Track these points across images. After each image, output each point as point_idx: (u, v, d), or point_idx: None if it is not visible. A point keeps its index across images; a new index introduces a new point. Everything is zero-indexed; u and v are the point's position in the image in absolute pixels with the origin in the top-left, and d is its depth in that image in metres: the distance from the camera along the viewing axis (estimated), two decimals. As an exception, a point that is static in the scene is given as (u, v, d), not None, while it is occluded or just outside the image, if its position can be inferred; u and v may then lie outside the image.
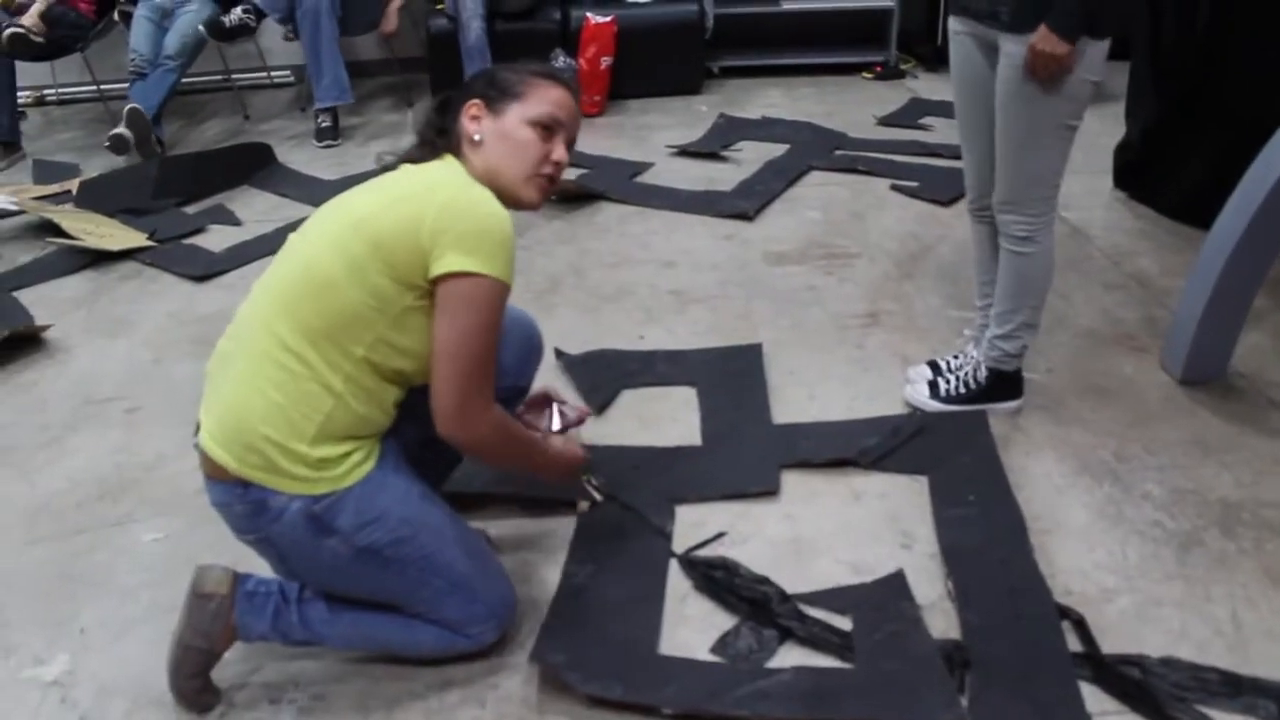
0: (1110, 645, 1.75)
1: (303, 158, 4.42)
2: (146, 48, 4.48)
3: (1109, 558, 1.97)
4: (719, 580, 1.92)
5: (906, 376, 2.53)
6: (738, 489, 2.19)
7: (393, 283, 1.53)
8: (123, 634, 1.88)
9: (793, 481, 2.22)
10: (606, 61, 4.79)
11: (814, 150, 4.17)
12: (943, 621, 1.82)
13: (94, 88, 5.12)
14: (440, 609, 1.67)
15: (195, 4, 4.58)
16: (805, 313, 2.94)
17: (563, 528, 2.09)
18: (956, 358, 2.50)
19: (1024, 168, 2.15)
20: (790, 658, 1.76)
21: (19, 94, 4.68)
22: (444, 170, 1.64)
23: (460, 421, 1.56)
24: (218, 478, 1.57)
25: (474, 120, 1.67)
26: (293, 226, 3.53)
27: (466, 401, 1.55)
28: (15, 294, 3.24)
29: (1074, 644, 1.76)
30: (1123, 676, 1.67)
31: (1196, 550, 1.98)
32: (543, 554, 2.02)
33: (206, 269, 3.35)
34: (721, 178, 3.94)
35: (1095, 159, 3.84)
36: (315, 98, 4.61)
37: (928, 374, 2.49)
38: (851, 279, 3.13)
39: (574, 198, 3.75)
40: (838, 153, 4.15)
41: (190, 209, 3.89)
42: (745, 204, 3.65)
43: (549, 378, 2.57)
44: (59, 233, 3.51)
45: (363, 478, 1.58)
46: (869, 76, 5.28)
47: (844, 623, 1.82)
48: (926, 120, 4.52)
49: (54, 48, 4.53)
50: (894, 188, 3.79)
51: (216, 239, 3.62)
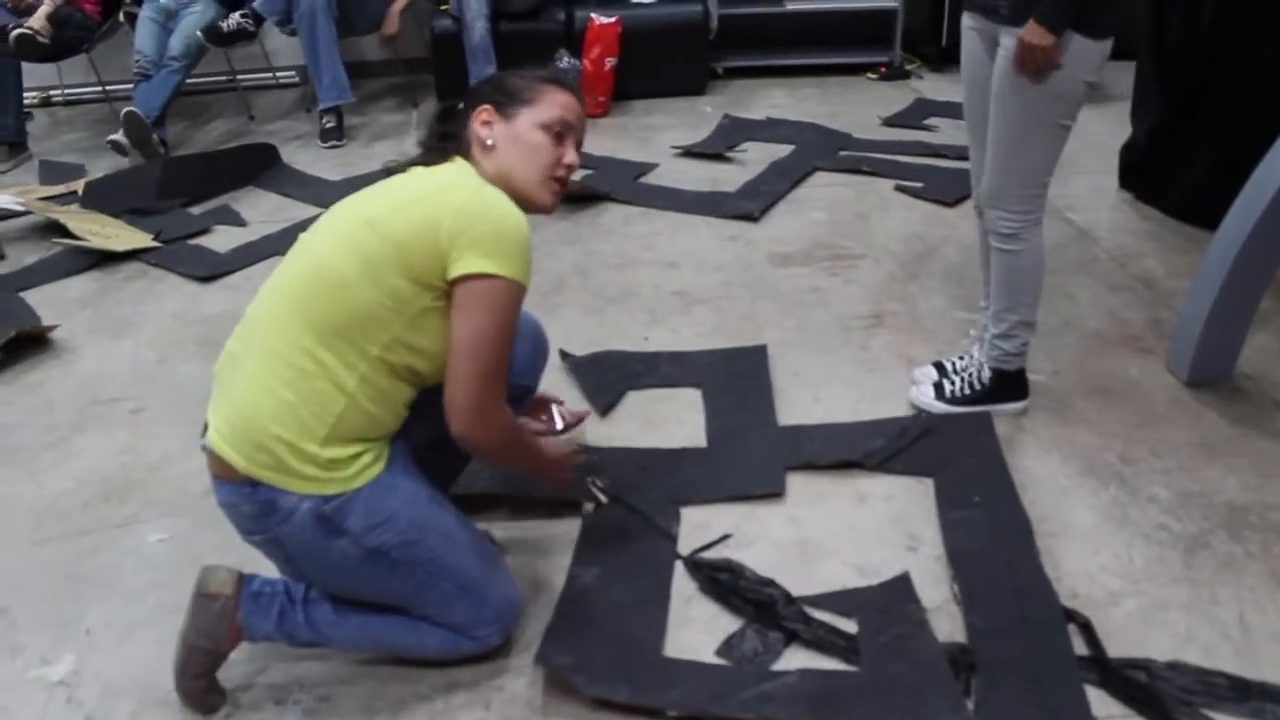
0: (1116, 649, 1.75)
1: (308, 158, 4.43)
2: (151, 49, 4.50)
3: (1115, 560, 1.97)
4: (724, 582, 1.92)
5: (911, 378, 2.53)
6: (743, 491, 2.18)
7: (410, 283, 1.53)
8: (128, 634, 1.88)
9: (798, 483, 2.21)
10: (611, 62, 4.79)
11: (818, 151, 4.17)
12: (948, 624, 1.82)
13: (99, 89, 5.14)
14: (447, 612, 1.68)
15: (200, 6, 4.59)
16: (810, 314, 2.94)
17: (568, 529, 2.09)
18: (962, 359, 2.49)
19: (1012, 163, 2.15)
20: (795, 660, 1.76)
21: (25, 95, 4.70)
22: (457, 173, 1.65)
23: (474, 421, 1.56)
24: (226, 478, 1.57)
25: (485, 125, 1.69)
26: (298, 227, 3.58)
27: (482, 401, 1.56)
28: (22, 294, 3.25)
29: (1080, 647, 1.75)
30: (1129, 680, 1.67)
31: (1203, 553, 1.98)
32: (548, 556, 2.02)
33: (211, 270, 3.36)
34: (726, 179, 3.94)
35: (1101, 160, 3.84)
36: (318, 99, 4.62)
37: (933, 375, 2.49)
38: (856, 280, 3.12)
39: (579, 199, 3.74)
40: (842, 153, 4.15)
41: (195, 209, 3.90)
42: (750, 205, 3.65)
43: (554, 379, 2.57)
44: (65, 233, 3.51)
45: (372, 479, 1.58)
46: (874, 77, 5.27)
47: (849, 625, 1.82)
48: (931, 121, 4.51)
49: (60, 49, 4.54)
50: (899, 188, 3.78)
51: (222, 239, 3.62)
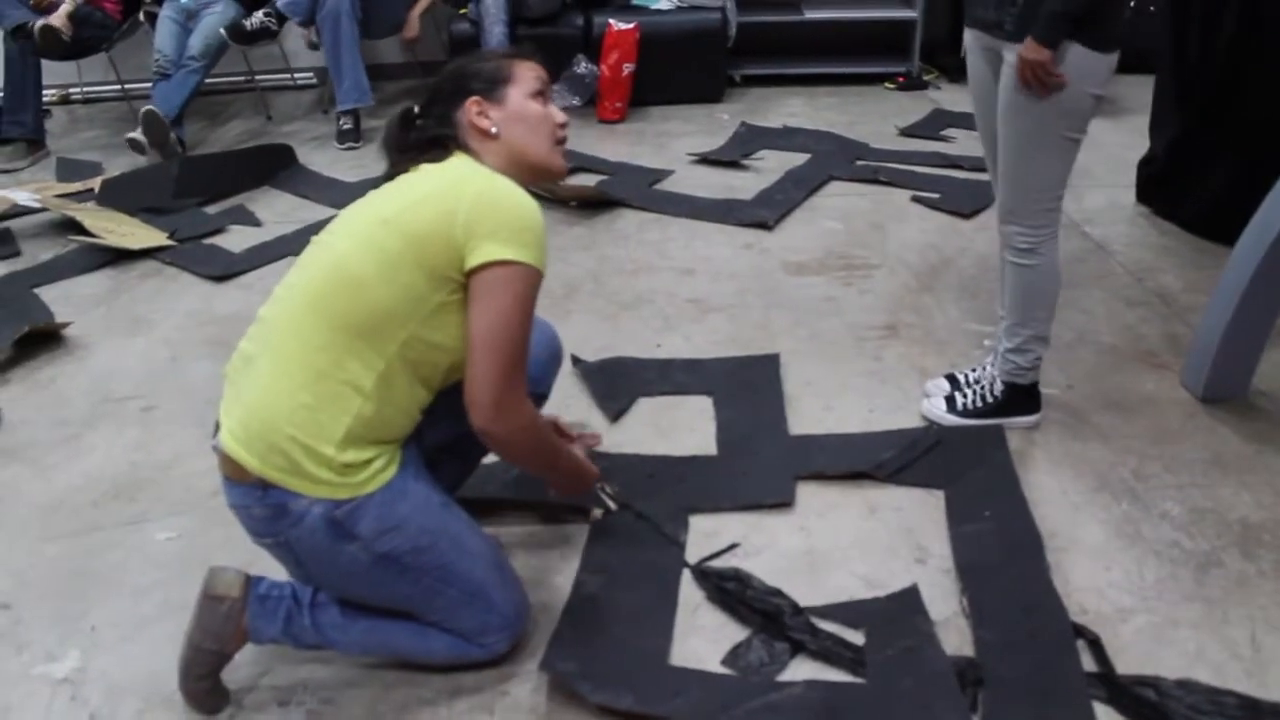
0: (1125, 666, 1.73)
1: (324, 159, 4.44)
2: (171, 48, 4.52)
3: (1125, 577, 1.95)
4: (731, 591, 1.91)
5: (924, 390, 2.51)
6: (753, 500, 2.18)
7: (426, 278, 1.53)
8: (134, 633, 1.88)
9: (808, 493, 2.20)
10: (628, 68, 4.79)
11: (835, 160, 4.16)
12: (957, 638, 1.81)
13: (118, 87, 5.16)
14: (455, 618, 1.67)
15: (220, 6, 4.62)
16: (823, 323, 2.93)
17: (575, 535, 2.09)
18: (974, 371, 2.48)
19: (1024, 178, 2.14)
20: (802, 671, 1.75)
21: (44, 92, 4.73)
22: (466, 165, 1.65)
23: (497, 414, 1.55)
24: (237, 479, 1.56)
25: (482, 115, 1.69)
26: (313, 228, 3.59)
27: (504, 393, 1.55)
28: (36, 291, 3.27)
29: (1089, 664, 1.74)
30: (1138, 698, 1.65)
31: (1215, 571, 1.96)
32: (555, 562, 2.02)
33: (226, 269, 3.37)
34: (741, 186, 3.93)
35: (1118, 174, 3.83)
36: (337, 100, 4.64)
37: (945, 388, 2.48)
38: (871, 290, 3.11)
39: (594, 204, 3.74)
40: (859, 163, 4.14)
41: (211, 209, 3.91)
42: (765, 213, 3.64)
43: (566, 385, 2.56)
44: (81, 230, 3.53)
45: (384, 484, 1.57)
46: (891, 87, 5.26)
47: (857, 637, 1.81)
48: (949, 132, 4.50)
49: (80, 47, 4.56)
50: (915, 199, 3.77)
51: (236, 239, 3.64)
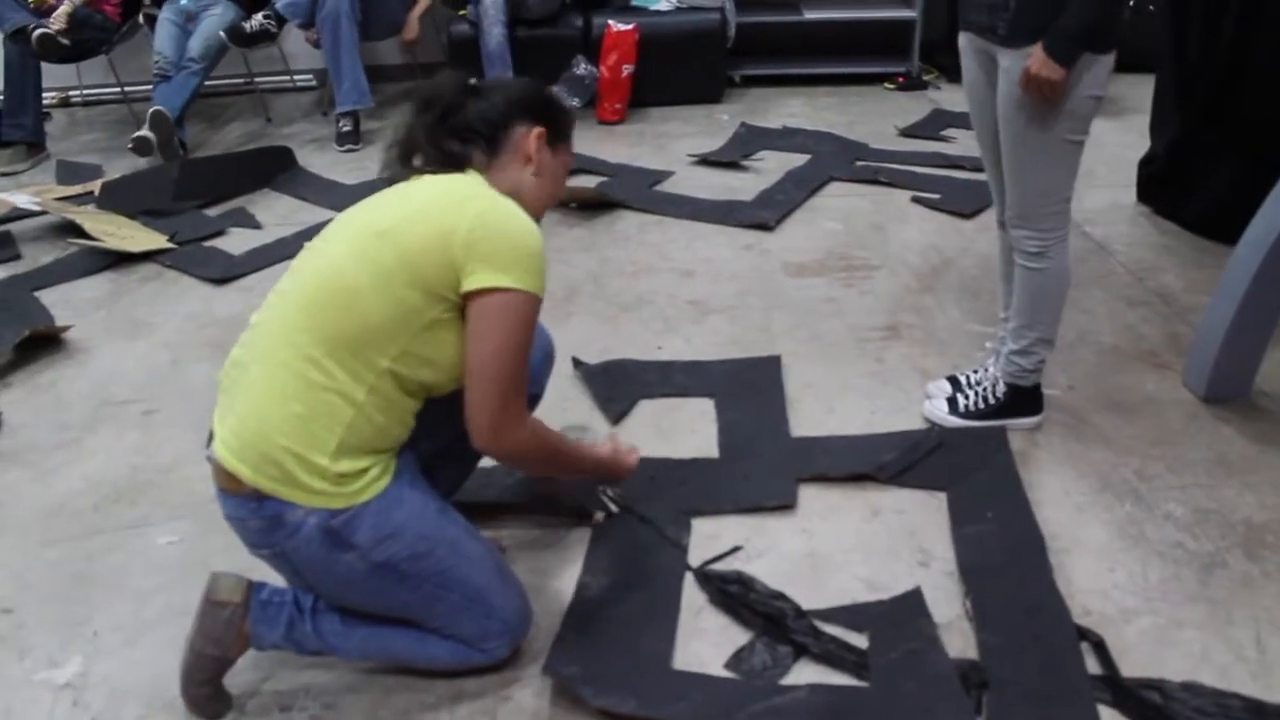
0: (1130, 668, 1.73)
1: (324, 162, 4.44)
2: (170, 50, 4.52)
3: (1129, 578, 1.95)
4: (734, 595, 1.91)
5: (926, 391, 2.51)
6: (755, 502, 2.17)
7: (421, 294, 1.52)
8: (136, 637, 1.88)
9: (810, 495, 2.20)
10: (628, 69, 4.79)
11: (835, 161, 4.16)
12: (960, 641, 1.80)
13: (118, 89, 5.15)
14: (456, 624, 1.67)
15: (219, 8, 4.62)
16: (824, 325, 2.92)
17: (577, 539, 2.08)
18: (976, 372, 2.47)
19: (1030, 183, 2.14)
20: (805, 675, 1.74)
21: (44, 95, 4.73)
22: (470, 183, 1.63)
23: (496, 437, 1.56)
24: (231, 490, 1.56)
25: (540, 149, 1.71)
26: (313, 230, 3.55)
27: (502, 417, 1.55)
28: (37, 294, 3.26)
29: (1093, 666, 1.73)
30: (1143, 701, 1.65)
31: (1219, 572, 1.95)
32: (557, 565, 2.01)
33: (226, 272, 3.36)
34: (742, 187, 3.93)
35: (1119, 173, 3.82)
36: (336, 102, 4.63)
37: (947, 389, 2.47)
38: (872, 291, 3.11)
39: (594, 206, 3.74)
40: (859, 163, 4.14)
41: (211, 211, 3.91)
42: (765, 214, 3.64)
43: (566, 387, 2.56)
44: (81, 234, 3.52)
45: (380, 493, 1.57)
46: (891, 87, 5.26)
47: (860, 640, 1.81)
48: (949, 132, 4.49)
49: (80, 49, 4.56)
50: (915, 199, 3.77)
51: (236, 242, 3.63)
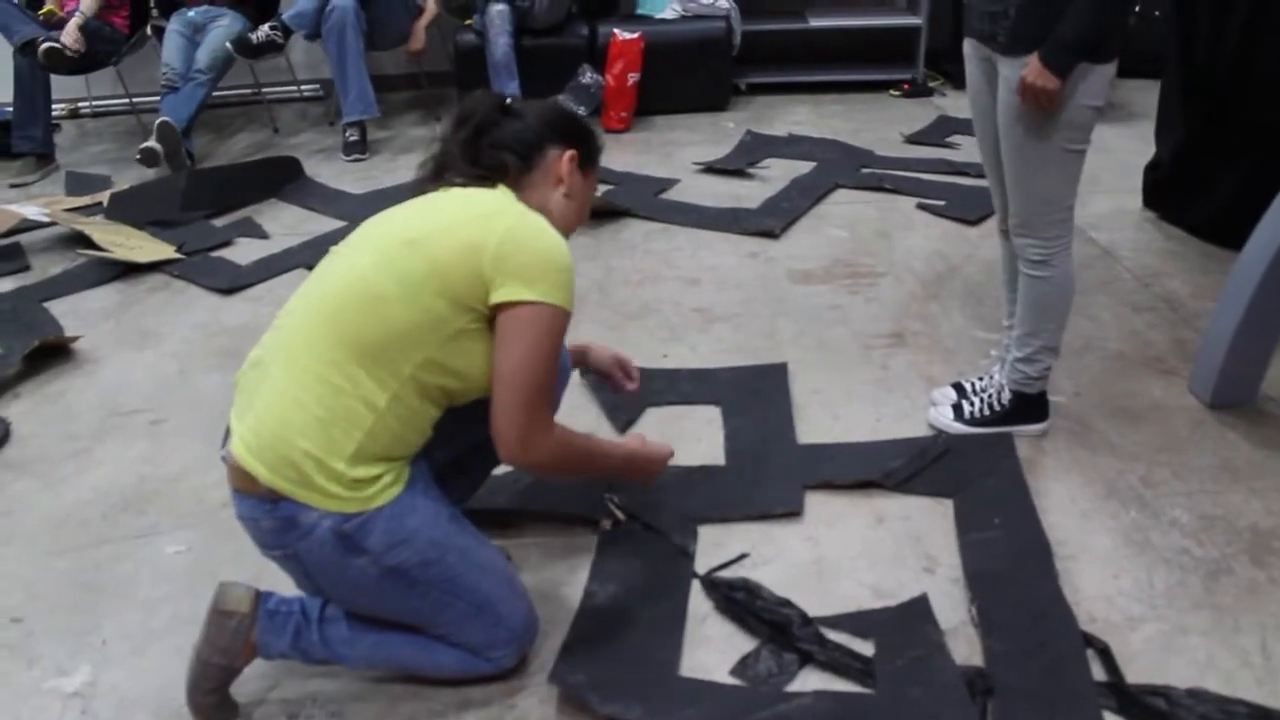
0: (1135, 675, 1.73)
1: (331, 172, 4.46)
2: (178, 62, 4.54)
3: (1135, 585, 1.94)
4: (740, 602, 1.91)
5: (931, 398, 2.51)
6: (761, 510, 2.17)
7: (449, 304, 1.53)
8: (144, 646, 1.89)
9: (816, 503, 2.20)
10: (634, 78, 4.81)
11: (841, 168, 4.17)
12: (966, 647, 1.80)
13: (126, 101, 5.19)
14: (463, 632, 1.67)
15: (226, 19, 4.65)
16: (830, 332, 2.92)
17: (584, 547, 2.08)
18: (982, 379, 2.48)
19: (1031, 191, 2.14)
20: (811, 682, 1.75)
21: (53, 106, 4.76)
22: (501, 198, 1.64)
23: (523, 449, 1.57)
24: (246, 490, 1.56)
25: (572, 172, 1.73)
26: (320, 240, 3.60)
27: (529, 430, 1.56)
28: (46, 304, 3.28)
29: (1099, 673, 1.73)
30: (1148, 708, 1.65)
31: (1225, 579, 1.95)
32: (564, 573, 2.02)
33: (233, 282, 3.38)
34: (747, 195, 3.94)
35: (1125, 179, 3.82)
36: (343, 112, 4.65)
37: (952, 396, 2.47)
38: (877, 298, 3.11)
39: (600, 214, 3.75)
40: (864, 171, 4.15)
41: (218, 222, 3.92)
42: (771, 222, 3.65)
43: (573, 395, 2.56)
44: (89, 244, 3.54)
45: (393, 499, 1.57)
46: (896, 94, 5.27)
47: (865, 647, 1.81)
48: (954, 138, 4.50)
49: (88, 61, 4.58)
50: (921, 206, 3.78)
51: (244, 252, 3.65)
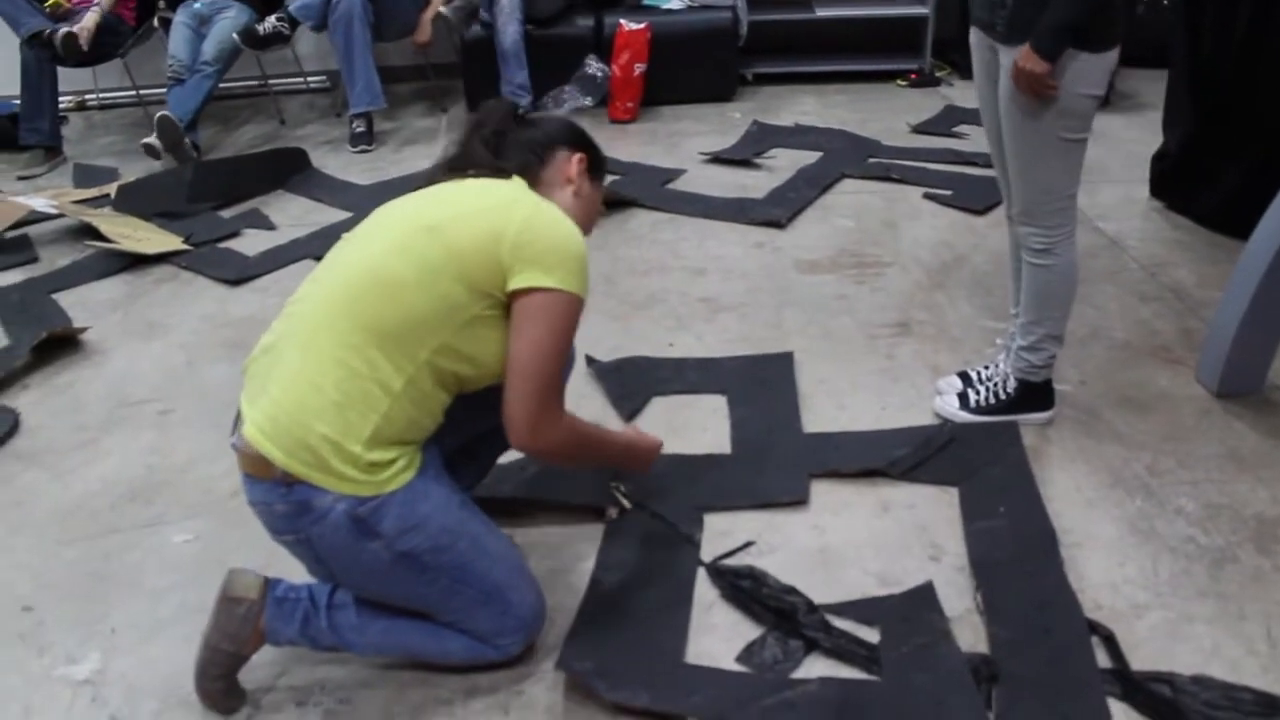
0: (1140, 662, 1.73)
1: (337, 163, 4.46)
2: (185, 54, 4.55)
3: (1140, 573, 1.95)
4: (746, 589, 1.91)
5: (937, 387, 2.51)
6: (767, 498, 2.18)
7: (466, 290, 1.55)
8: (153, 634, 1.90)
9: (821, 491, 2.21)
10: (640, 68, 4.79)
11: (847, 158, 4.16)
12: (971, 635, 1.81)
13: (134, 93, 5.21)
14: (471, 618, 1.68)
15: (232, 11, 4.66)
16: (836, 321, 2.93)
17: (591, 535, 2.09)
18: (987, 368, 2.48)
19: (1031, 180, 2.14)
20: (816, 669, 1.75)
21: (61, 98, 4.77)
22: (516, 188, 1.67)
23: (534, 434, 1.59)
24: (259, 475, 1.56)
25: (582, 174, 1.78)
26: (327, 231, 3.61)
27: (540, 415, 1.58)
28: (54, 296, 3.29)
29: (1103, 660, 1.74)
30: (1153, 694, 1.65)
31: (1230, 567, 1.95)
32: (570, 561, 2.03)
33: (240, 273, 3.39)
34: (754, 185, 3.94)
35: (1132, 168, 3.81)
36: (349, 103, 4.66)
37: (958, 385, 2.47)
38: (883, 288, 3.11)
39: (606, 204, 3.74)
40: (871, 160, 4.14)
41: (225, 213, 3.93)
42: (777, 211, 3.64)
43: (579, 385, 2.57)
44: (97, 236, 3.55)
45: (406, 484, 1.58)
46: (903, 84, 5.25)
47: (871, 635, 1.81)
48: (961, 128, 4.49)
49: (96, 54, 4.60)
50: (927, 196, 3.77)
51: (251, 243, 3.66)
